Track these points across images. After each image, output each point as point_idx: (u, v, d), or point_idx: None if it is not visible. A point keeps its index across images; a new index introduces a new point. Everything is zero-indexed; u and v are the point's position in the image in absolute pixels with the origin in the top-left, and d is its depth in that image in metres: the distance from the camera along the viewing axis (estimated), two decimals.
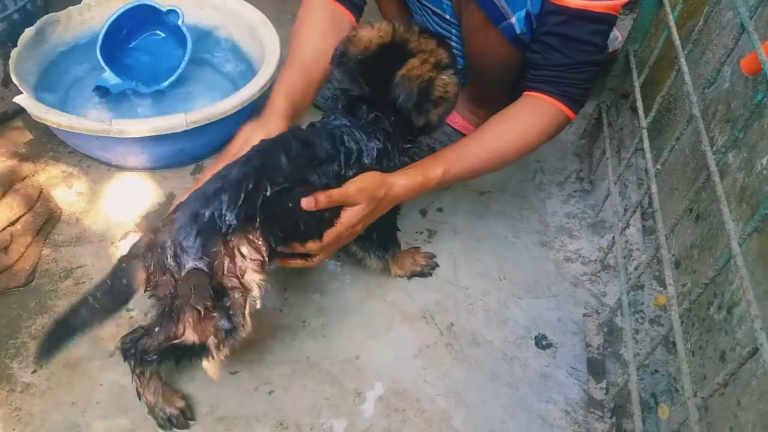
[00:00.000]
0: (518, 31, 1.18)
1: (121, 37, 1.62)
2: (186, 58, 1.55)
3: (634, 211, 1.18)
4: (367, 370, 1.13)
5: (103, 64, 1.52)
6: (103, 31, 1.52)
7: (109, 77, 1.54)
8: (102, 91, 1.57)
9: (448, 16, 1.35)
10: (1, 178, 1.31)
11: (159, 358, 0.98)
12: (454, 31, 1.37)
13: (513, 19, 1.18)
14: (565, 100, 1.16)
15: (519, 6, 1.17)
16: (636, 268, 1.25)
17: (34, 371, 1.09)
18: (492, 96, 1.41)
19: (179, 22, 1.57)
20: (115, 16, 1.53)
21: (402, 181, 1.07)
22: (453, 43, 1.30)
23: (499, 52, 1.27)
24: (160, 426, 1.03)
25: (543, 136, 1.18)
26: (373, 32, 1.07)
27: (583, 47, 1.13)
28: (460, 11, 1.32)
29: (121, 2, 1.64)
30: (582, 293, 1.27)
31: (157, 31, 1.68)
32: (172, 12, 1.58)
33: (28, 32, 1.48)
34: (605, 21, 1.13)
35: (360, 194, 1.02)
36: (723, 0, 1.32)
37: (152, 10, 1.56)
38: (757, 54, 0.81)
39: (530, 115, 1.17)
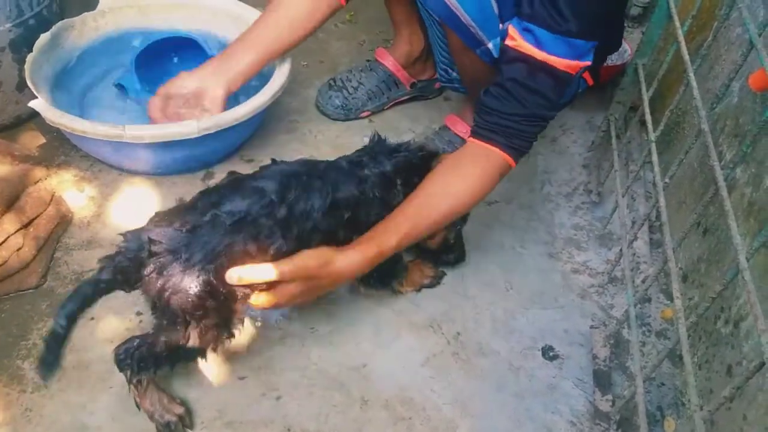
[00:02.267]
0: (496, 56, 1.20)
1: (164, 51, 1.62)
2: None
3: (642, 225, 1.19)
4: (374, 378, 1.14)
5: (132, 69, 1.53)
6: (147, 43, 1.54)
7: (132, 82, 1.55)
8: (121, 89, 1.59)
9: None
10: (14, 181, 1.32)
11: (156, 365, 0.99)
12: None
13: (490, 45, 1.21)
14: (511, 152, 1.13)
15: (494, 34, 1.20)
16: (643, 281, 1.26)
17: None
18: None
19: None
20: (166, 35, 1.55)
21: (349, 258, 1.01)
22: None
23: (483, 70, 1.29)
24: None
25: (488, 186, 1.14)
26: None
27: (541, 101, 1.10)
28: (443, 37, 1.36)
29: (133, 10, 1.67)
30: (589, 305, 1.28)
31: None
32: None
33: (44, 37, 1.49)
34: (564, 79, 1.10)
35: (295, 272, 0.97)
36: (732, 15, 1.33)
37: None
38: (766, 71, 0.82)
39: (476, 166, 1.13)
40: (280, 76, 1.47)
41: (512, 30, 1.10)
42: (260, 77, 1.54)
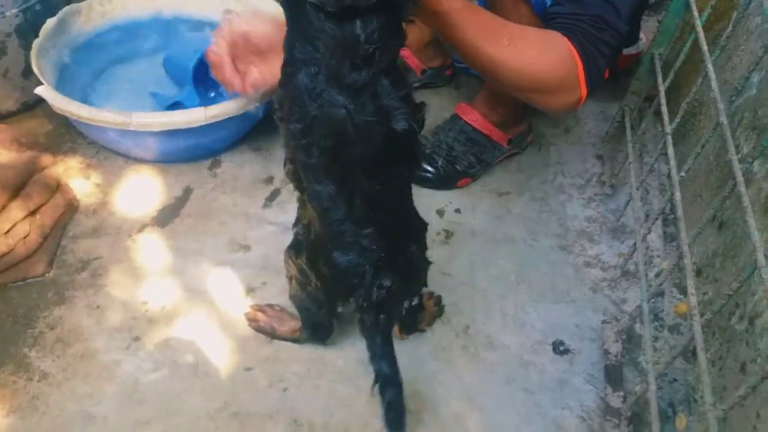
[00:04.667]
0: (548, 5, 1.15)
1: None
2: None
3: (656, 219, 1.16)
4: None
5: (191, 86, 1.48)
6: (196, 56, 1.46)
7: (192, 99, 1.49)
8: (155, 97, 1.54)
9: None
10: (21, 168, 1.31)
11: None
12: None
13: None
14: (576, 45, 1.05)
15: None
16: (657, 275, 1.24)
17: (53, 361, 1.10)
18: None
19: None
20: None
21: None
22: None
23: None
24: None
25: (545, 59, 1.05)
26: None
27: (599, 2, 1.06)
28: None
29: None
30: (601, 299, 1.26)
31: None
32: None
33: (50, 23, 1.48)
34: None
35: None
36: (751, 5, 1.30)
37: None
38: None
39: (538, 33, 1.06)
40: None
41: None
42: None
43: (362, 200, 0.83)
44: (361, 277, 0.90)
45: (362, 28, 0.70)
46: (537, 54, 1.06)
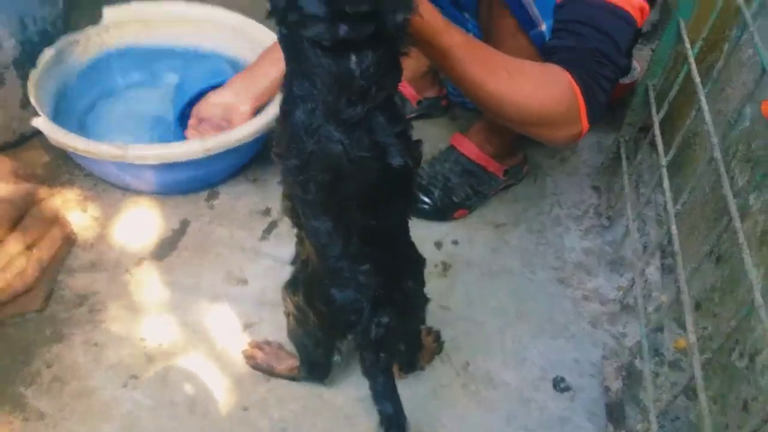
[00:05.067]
0: (547, 39, 1.16)
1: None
2: None
3: (653, 253, 1.17)
4: None
5: (176, 123, 1.52)
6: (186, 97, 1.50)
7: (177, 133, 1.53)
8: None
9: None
10: (18, 202, 1.30)
11: None
12: None
13: (543, 27, 1.15)
14: (576, 77, 1.05)
15: (548, 14, 1.15)
16: (656, 309, 1.24)
17: (50, 400, 1.08)
18: None
19: None
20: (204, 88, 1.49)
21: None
22: None
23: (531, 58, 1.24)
24: None
25: (544, 93, 1.05)
26: None
27: (599, 36, 1.07)
28: (488, 21, 1.29)
29: (138, 24, 1.65)
30: (600, 334, 1.26)
31: None
32: None
33: (48, 53, 1.48)
34: (623, 17, 1.08)
35: None
36: (743, 37, 1.31)
37: None
38: None
39: (535, 66, 1.07)
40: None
41: None
42: None
43: (358, 236, 0.84)
44: (358, 314, 0.89)
45: (357, 63, 0.71)
46: (537, 88, 1.06)
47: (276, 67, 1.39)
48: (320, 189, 0.79)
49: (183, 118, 1.49)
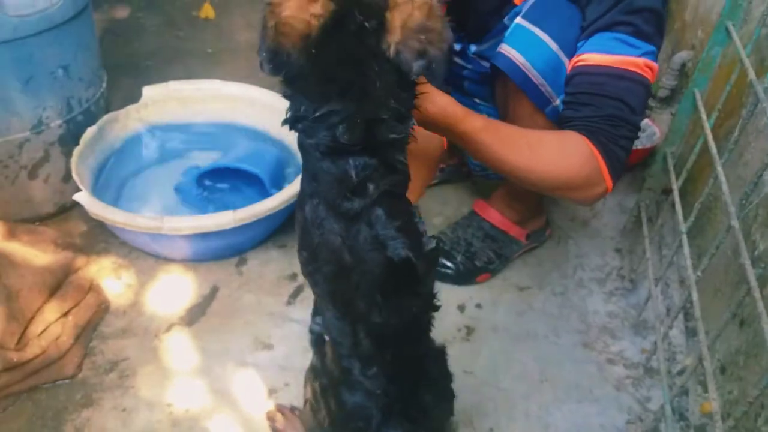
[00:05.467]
0: (560, 110, 1.20)
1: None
2: None
3: (676, 317, 1.16)
4: None
5: (193, 183, 1.65)
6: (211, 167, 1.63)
7: (190, 193, 1.66)
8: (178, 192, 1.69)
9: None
10: (57, 271, 1.36)
11: None
12: None
13: (557, 102, 1.20)
14: (597, 143, 1.09)
15: (560, 90, 1.19)
16: (680, 373, 1.22)
17: None
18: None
19: None
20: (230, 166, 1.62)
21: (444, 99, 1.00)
22: None
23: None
24: None
25: (570, 167, 1.10)
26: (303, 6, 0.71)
27: (612, 102, 1.11)
28: (505, 106, 1.35)
29: (175, 102, 1.75)
30: (625, 398, 1.24)
31: None
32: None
33: (90, 131, 1.57)
34: (632, 79, 1.11)
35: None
36: (759, 105, 1.33)
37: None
38: None
39: (554, 135, 1.13)
40: None
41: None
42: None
43: (367, 335, 0.83)
44: (367, 422, 0.88)
45: (353, 166, 0.76)
46: (558, 157, 1.11)
47: None
48: (326, 280, 0.83)
49: (185, 189, 1.60)
